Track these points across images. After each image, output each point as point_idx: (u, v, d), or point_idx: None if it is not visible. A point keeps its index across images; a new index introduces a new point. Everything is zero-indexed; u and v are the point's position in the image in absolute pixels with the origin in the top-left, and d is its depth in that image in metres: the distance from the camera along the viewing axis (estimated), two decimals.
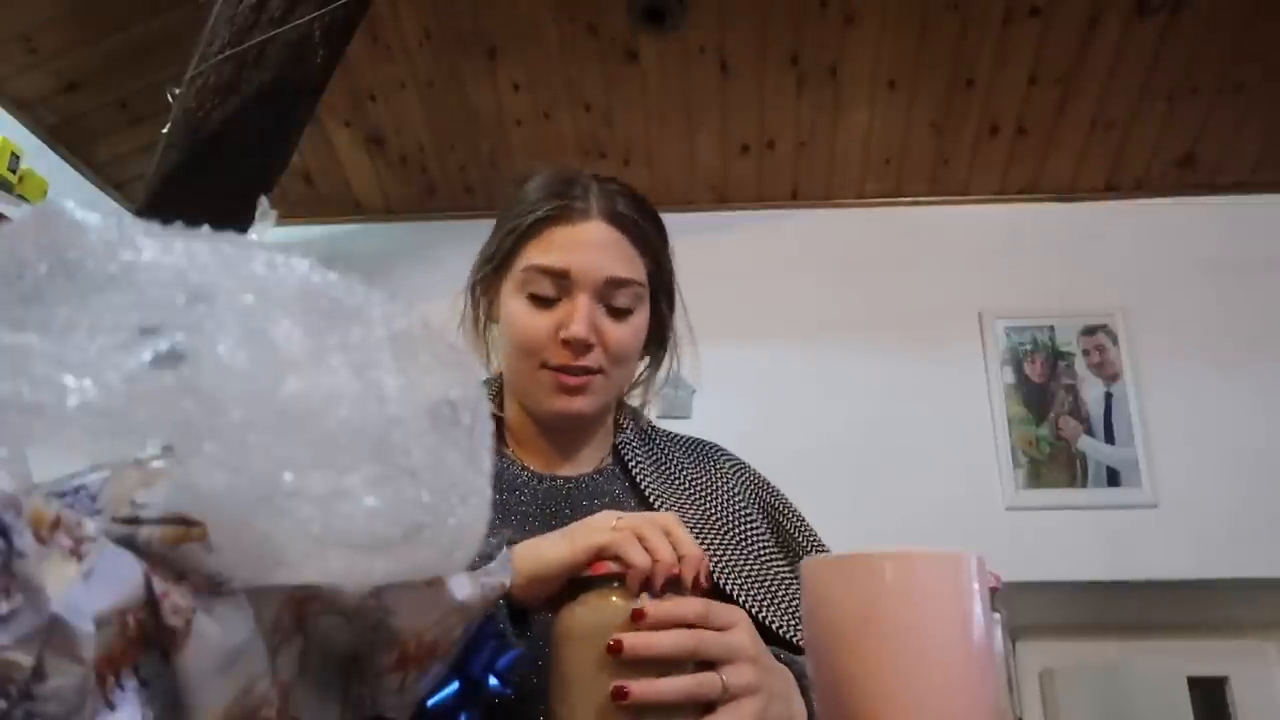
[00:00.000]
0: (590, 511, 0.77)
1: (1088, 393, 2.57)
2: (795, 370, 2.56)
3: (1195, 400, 2.53)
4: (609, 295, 0.88)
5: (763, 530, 0.91)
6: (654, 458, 0.95)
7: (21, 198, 2.02)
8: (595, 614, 0.61)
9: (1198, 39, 2.37)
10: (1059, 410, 2.56)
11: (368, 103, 2.56)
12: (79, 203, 0.34)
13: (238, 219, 0.56)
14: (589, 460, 0.94)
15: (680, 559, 0.62)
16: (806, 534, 0.94)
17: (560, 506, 0.87)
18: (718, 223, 2.75)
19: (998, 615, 0.60)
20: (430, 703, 0.48)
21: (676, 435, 1.01)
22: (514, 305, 0.89)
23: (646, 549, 0.62)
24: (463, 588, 0.46)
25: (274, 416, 0.33)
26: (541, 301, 0.88)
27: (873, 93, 2.52)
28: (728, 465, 0.98)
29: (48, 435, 0.30)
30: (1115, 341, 2.60)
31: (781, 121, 2.60)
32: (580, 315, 0.86)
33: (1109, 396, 2.56)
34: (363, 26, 2.06)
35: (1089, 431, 2.54)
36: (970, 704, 0.49)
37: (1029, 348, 2.62)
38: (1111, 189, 2.75)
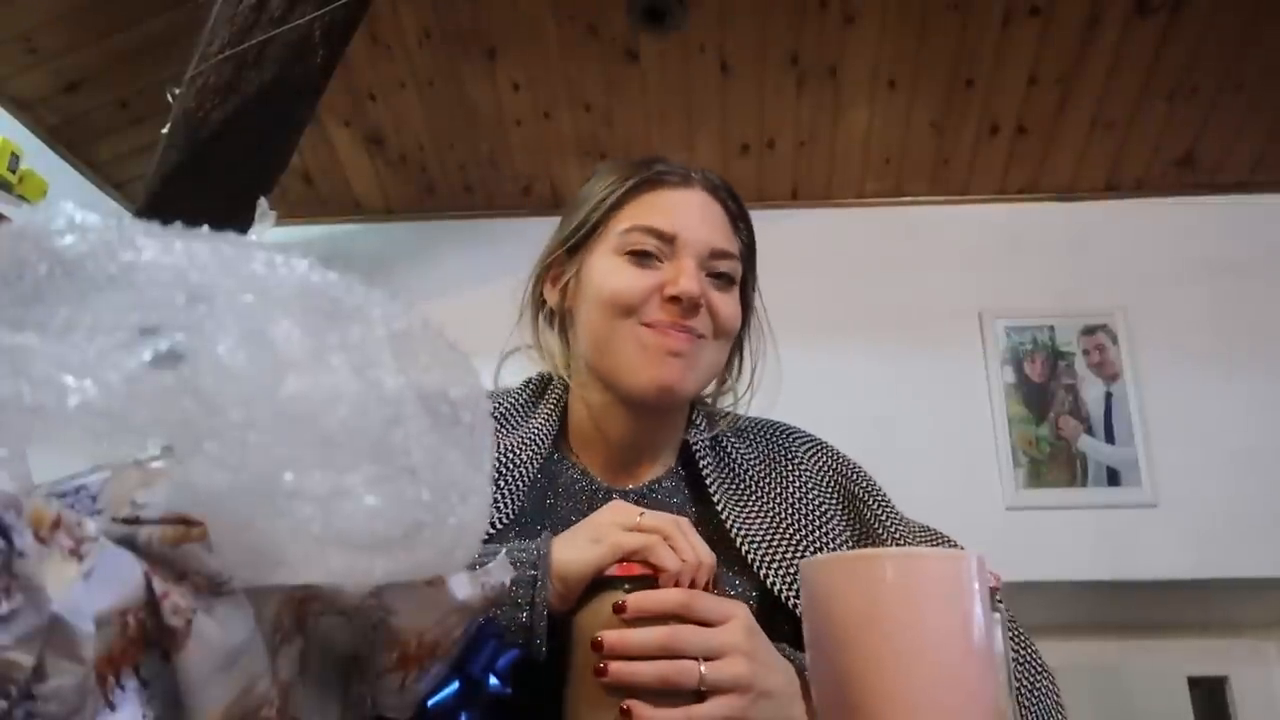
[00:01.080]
0: None
1: (1088, 392, 2.57)
2: (794, 370, 2.55)
3: (1195, 400, 2.53)
4: (712, 265, 0.83)
5: (839, 529, 0.85)
6: (721, 461, 0.88)
7: (22, 198, 2.02)
8: (591, 615, 0.62)
9: (1198, 39, 2.37)
10: (1059, 410, 2.56)
11: (367, 102, 2.56)
12: (79, 203, 0.34)
13: (237, 219, 0.56)
14: (653, 468, 0.88)
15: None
16: (888, 523, 0.87)
17: None
18: None
19: (998, 615, 0.60)
20: (430, 703, 0.48)
21: (742, 425, 0.94)
22: (608, 264, 0.82)
23: (673, 547, 0.62)
24: (463, 587, 0.46)
25: (274, 416, 0.33)
26: (642, 258, 0.81)
27: (873, 92, 2.52)
28: (803, 450, 0.91)
29: (48, 435, 0.30)
30: (1115, 341, 2.60)
31: (781, 121, 2.60)
32: (690, 273, 0.80)
33: (1109, 396, 2.56)
34: (363, 26, 2.06)
35: (1089, 431, 2.54)
36: (970, 703, 0.49)
37: (1029, 347, 2.62)
38: (1111, 189, 2.75)
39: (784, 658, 0.66)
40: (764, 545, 0.80)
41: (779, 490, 0.86)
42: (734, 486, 0.86)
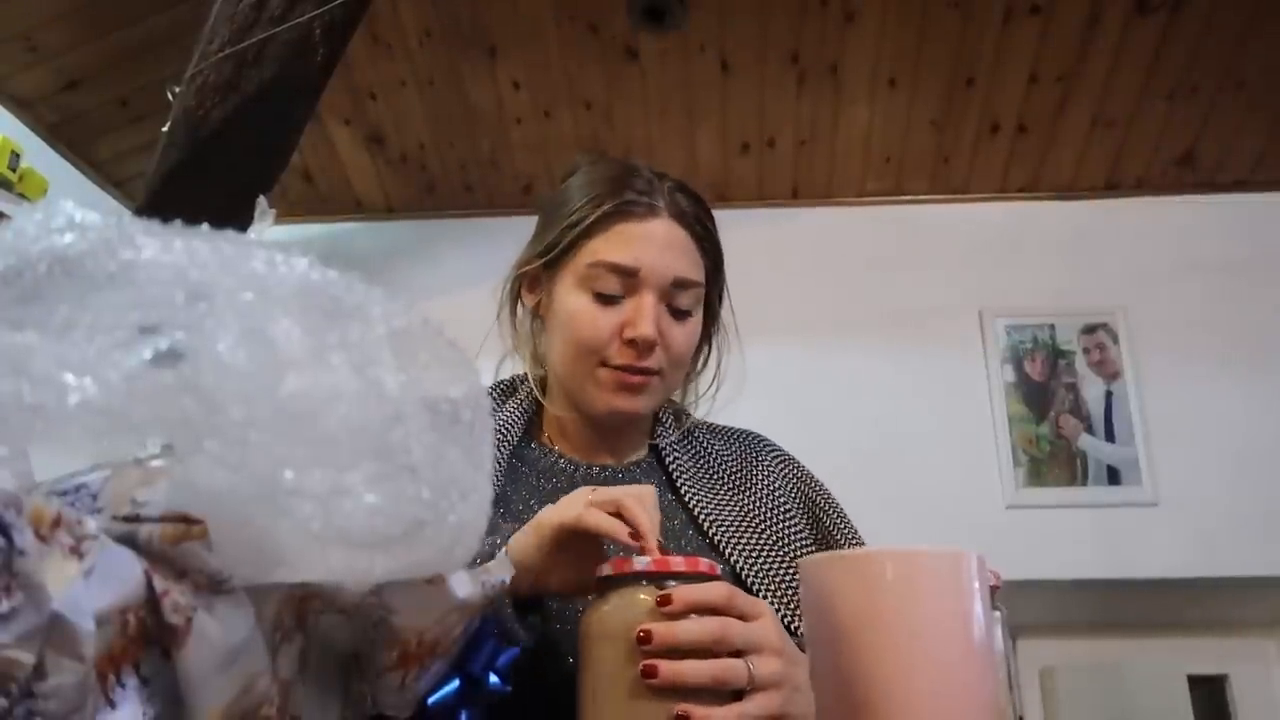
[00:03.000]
0: None
1: (1088, 391, 2.57)
2: (795, 368, 2.56)
3: (1195, 398, 2.53)
4: (672, 296, 0.88)
5: (801, 528, 0.91)
6: (693, 452, 0.95)
7: (22, 196, 2.02)
8: (623, 611, 0.60)
9: (1198, 37, 2.36)
10: (1059, 409, 2.56)
11: (368, 101, 2.56)
12: (79, 201, 0.34)
13: (238, 217, 0.56)
14: (628, 452, 0.94)
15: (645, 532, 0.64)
16: (846, 532, 0.93)
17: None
18: (718, 221, 2.74)
19: (998, 613, 0.60)
20: (431, 701, 0.48)
21: (718, 427, 1.01)
22: (575, 302, 0.87)
23: (626, 520, 0.64)
24: (463, 585, 0.46)
25: (274, 414, 0.33)
26: (605, 299, 0.86)
27: (873, 91, 2.52)
28: (771, 457, 0.97)
29: (49, 434, 0.30)
30: (1115, 340, 2.60)
31: (782, 119, 2.60)
32: (647, 315, 0.85)
33: (1109, 395, 2.56)
34: (363, 25, 2.06)
35: (1089, 430, 2.54)
36: (970, 702, 0.49)
37: (1029, 346, 2.62)
38: (1112, 187, 2.75)
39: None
40: (731, 529, 0.86)
41: (747, 485, 0.92)
42: (704, 476, 0.92)
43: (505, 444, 0.90)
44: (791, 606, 0.81)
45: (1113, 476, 2.49)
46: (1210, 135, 2.60)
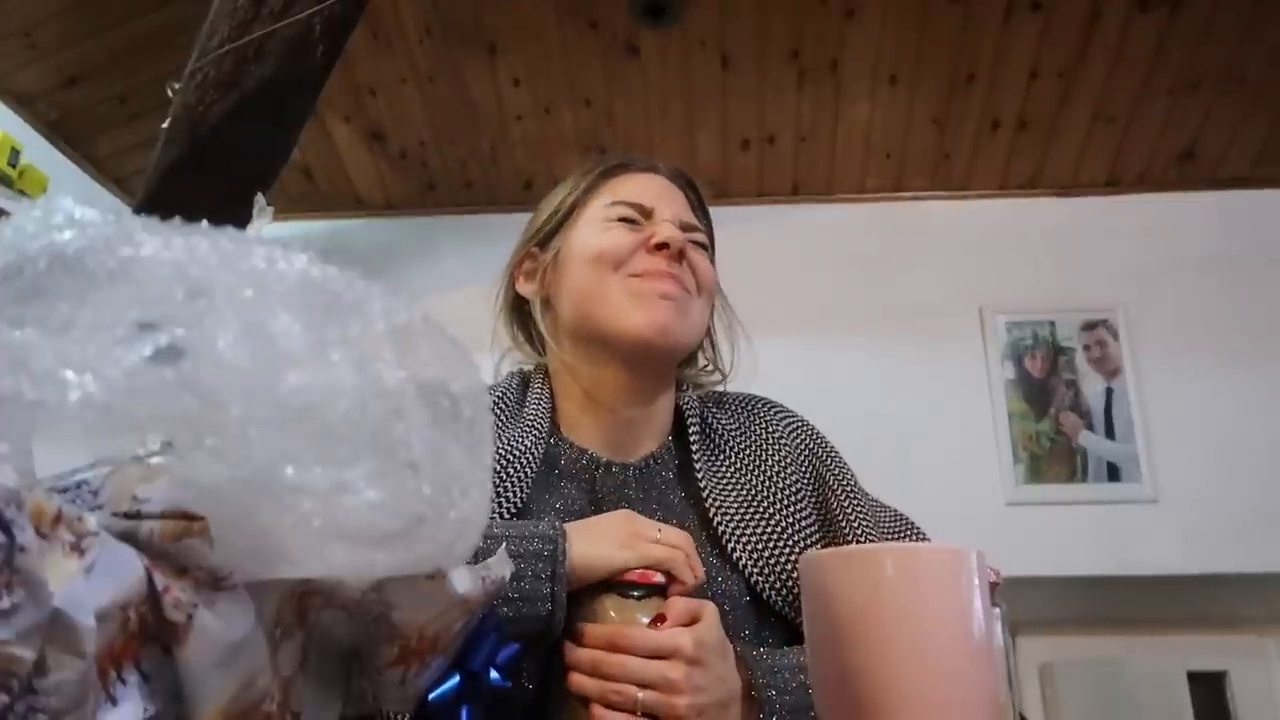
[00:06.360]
0: (635, 503, 0.83)
1: (1088, 388, 2.57)
2: (795, 365, 2.55)
3: (1195, 396, 2.53)
4: (686, 235, 0.89)
5: (808, 514, 0.87)
6: (702, 431, 0.91)
7: (22, 193, 2.02)
8: (591, 617, 0.69)
9: (1199, 33, 2.36)
10: (1059, 406, 2.56)
11: (368, 98, 2.56)
12: (79, 198, 0.34)
13: (237, 214, 0.56)
14: (645, 445, 0.90)
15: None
16: (852, 516, 0.87)
17: (608, 495, 0.85)
18: (718, 217, 2.70)
19: (998, 610, 0.60)
20: (431, 696, 0.48)
21: (726, 399, 0.97)
22: (593, 230, 0.89)
23: (690, 565, 0.70)
24: (463, 581, 0.46)
25: (274, 411, 0.33)
26: (626, 223, 0.89)
27: (873, 87, 2.52)
28: (784, 427, 0.93)
29: (49, 431, 0.30)
30: (1116, 337, 2.60)
31: (782, 116, 2.60)
32: (670, 224, 0.88)
33: (1109, 392, 2.56)
34: (363, 21, 2.06)
35: (1089, 427, 2.54)
36: (970, 698, 0.50)
37: (1029, 343, 2.62)
38: (1113, 184, 2.74)
39: (734, 668, 0.70)
40: (736, 520, 0.83)
41: (755, 464, 0.89)
42: (714, 459, 0.89)
43: (539, 442, 0.85)
44: (793, 601, 0.80)
45: (1113, 473, 2.49)
46: (1211, 132, 2.59)
